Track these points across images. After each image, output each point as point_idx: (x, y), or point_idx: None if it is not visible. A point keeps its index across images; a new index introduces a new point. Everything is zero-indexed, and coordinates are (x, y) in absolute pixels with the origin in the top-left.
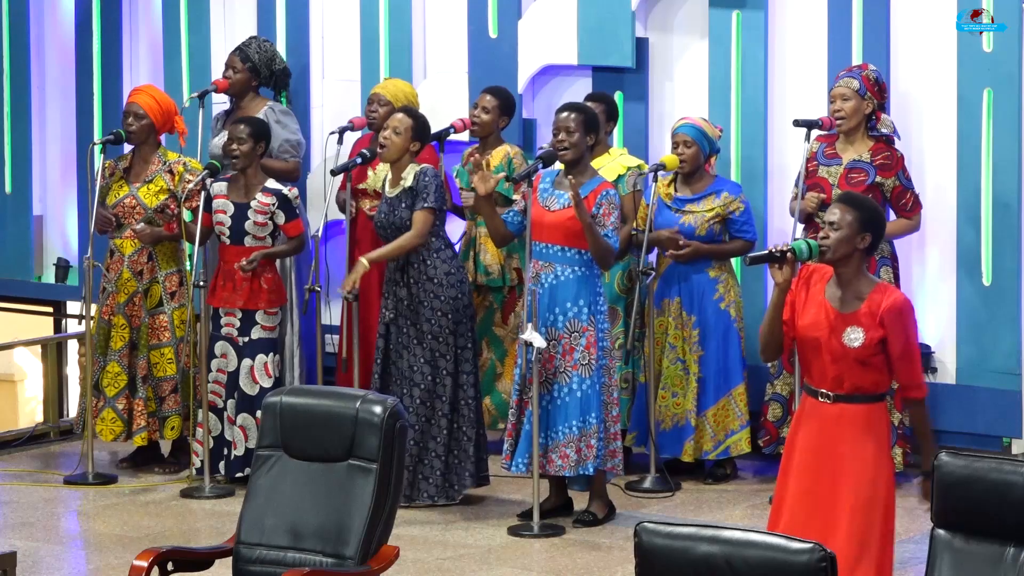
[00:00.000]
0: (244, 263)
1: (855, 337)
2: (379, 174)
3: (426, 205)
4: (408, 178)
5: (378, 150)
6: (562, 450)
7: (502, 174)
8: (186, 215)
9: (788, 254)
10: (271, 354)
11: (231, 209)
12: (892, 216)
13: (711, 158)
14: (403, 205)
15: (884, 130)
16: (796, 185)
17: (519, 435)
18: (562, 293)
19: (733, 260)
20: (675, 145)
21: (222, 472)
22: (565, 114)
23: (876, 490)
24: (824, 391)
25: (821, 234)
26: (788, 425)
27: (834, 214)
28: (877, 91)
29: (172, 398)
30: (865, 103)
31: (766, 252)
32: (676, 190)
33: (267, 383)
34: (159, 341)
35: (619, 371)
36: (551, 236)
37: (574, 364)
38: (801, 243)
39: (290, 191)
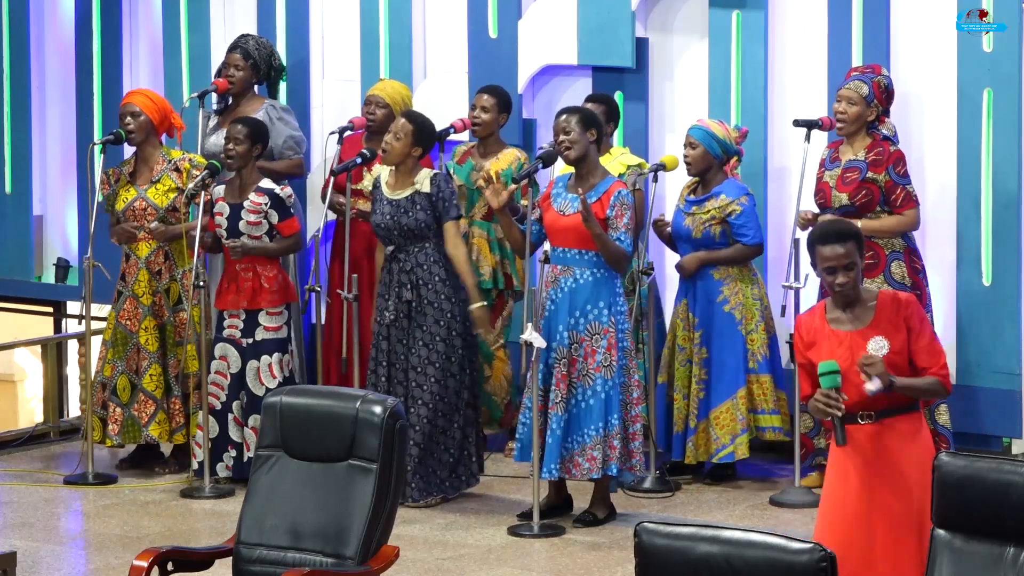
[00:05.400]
0: (230, 244)
1: (880, 346)
2: (372, 176)
3: (454, 215)
4: (423, 183)
5: (380, 153)
6: (589, 453)
7: (514, 186)
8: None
9: (844, 401)
10: (276, 354)
11: (227, 210)
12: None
13: (730, 161)
14: (418, 208)
15: (884, 131)
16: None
17: (543, 439)
18: (582, 296)
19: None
20: (685, 146)
21: (219, 473)
22: (562, 117)
23: (927, 494)
24: (863, 412)
25: (841, 279)
26: (821, 436)
27: (838, 251)
28: (884, 98)
29: (194, 394)
30: (870, 111)
31: (837, 420)
32: (693, 194)
33: (272, 384)
34: (181, 338)
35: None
36: (566, 240)
37: (596, 366)
38: (832, 378)
39: (283, 190)
